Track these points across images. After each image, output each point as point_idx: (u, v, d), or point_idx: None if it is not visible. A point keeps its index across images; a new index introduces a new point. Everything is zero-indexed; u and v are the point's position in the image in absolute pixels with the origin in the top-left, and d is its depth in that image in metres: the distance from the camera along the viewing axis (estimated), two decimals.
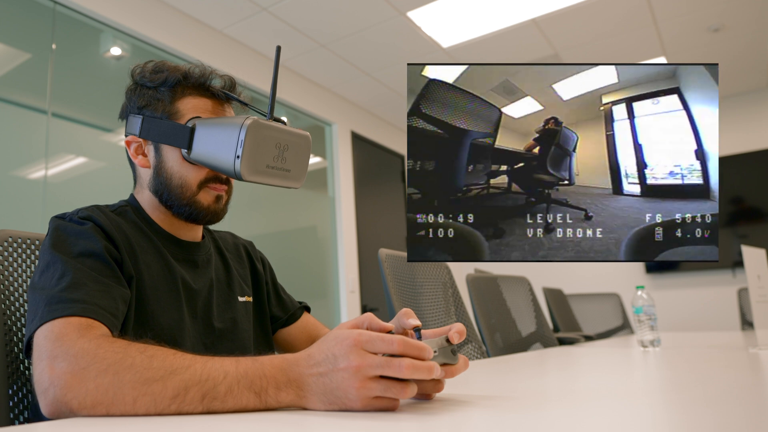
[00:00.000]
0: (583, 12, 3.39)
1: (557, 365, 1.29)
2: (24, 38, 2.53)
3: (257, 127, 0.84)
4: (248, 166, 0.84)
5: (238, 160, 0.83)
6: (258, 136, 0.84)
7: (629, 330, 3.65)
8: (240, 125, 0.84)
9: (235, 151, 0.83)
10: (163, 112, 0.92)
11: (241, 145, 0.83)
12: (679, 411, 0.60)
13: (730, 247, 4.46)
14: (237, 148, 0.83)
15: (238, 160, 0.83)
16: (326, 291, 4.09)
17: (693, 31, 3.70)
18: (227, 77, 0.97)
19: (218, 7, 3.18)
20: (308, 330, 1.12)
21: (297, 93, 4.00)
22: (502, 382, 0.92)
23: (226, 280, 1.02)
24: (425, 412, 0.59)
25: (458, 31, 3.58)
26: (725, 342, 1.78)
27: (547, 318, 2.42)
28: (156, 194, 0.94)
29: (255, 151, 0.84)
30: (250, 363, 0.62)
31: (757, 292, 1.35)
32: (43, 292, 0.74)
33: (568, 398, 0.70)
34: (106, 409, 0.61)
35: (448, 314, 1.75)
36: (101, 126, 2.82)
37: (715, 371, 0.98)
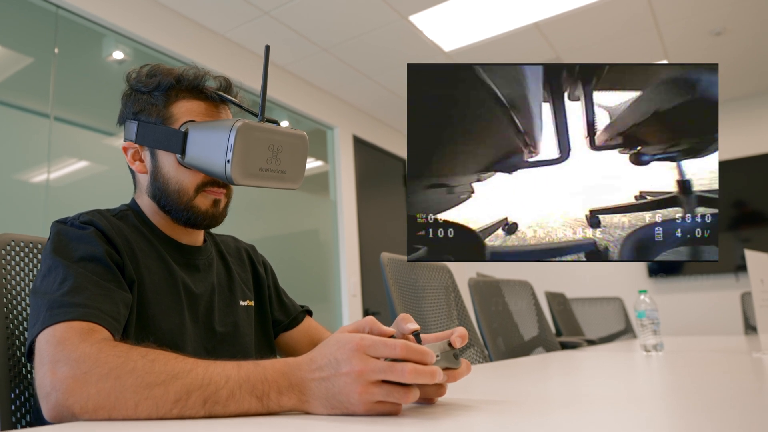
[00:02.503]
0: (584, 16, 3.39)
1: (560, 370, 1.29)
2: (27, 42, 2.54)
3: (247, 130, 0.83)
4: (240, 169, 0.83)
5: (229, 164, 0.82)
6: (249, 138, 0.83)
7: (632, 334, 3.64)
8: (229, 128, 0.82)
9: (225, 155, 0.82)
10: (158, 117, 0.91)
11: (231, 149, 0.82)
12: (682, 416, 0.60)
13: (733, 251, 4.45)
14: (227, 152, 0.82)
15: (228, 164, 0.82)
16: (328, 295, 4.09)
17: (695, 35, 3.70)
18: (222, 78, 0.96)
19: (220, 11, 3.19)
20: (310, 334, 1.12)
21: (299, 97, 4.00)
22: (505, 387, 0.91)
23: (228, 284, 1.02)
24: (427, 416, 0.59)
25: (460, 35, 3.58)
26: (728, 346, 1.77)
27: (549, 322, 2.42)
28: (154, 199, 0.94)
29: (246, 154, 0.83)
30: (252, 367, 0.62)
31: (761, 296, 1.35)
32: (44, 297, 0.74)
33: (571, 403, 0.70)
34: (108, 414, 0.61)
35: (451, 318, 1.74)
36: (103, 130, 2.83)
37: (718, 376, 0.98)
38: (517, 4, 3.24)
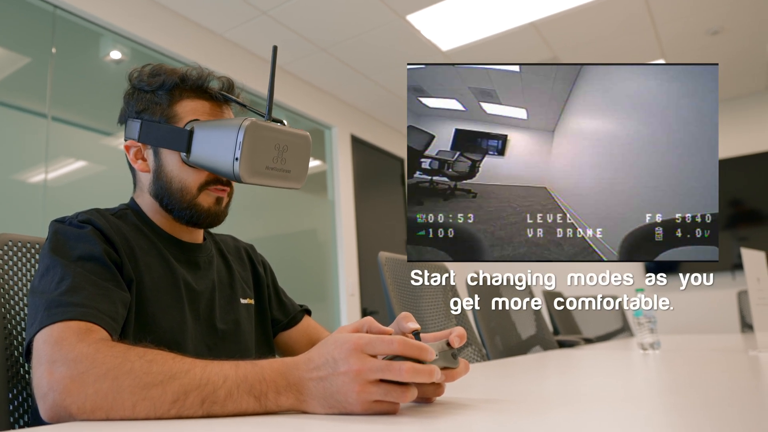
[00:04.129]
0: (581, 15, 3.40)
1: (557, 368, 1.29)
2: (24, 42, 2.54)
3: (255, 128, 0.84)
4: (247, 167, 0.83)
5: (237, 162, 0.83)
6: (256, 137, 0.84)
7: (629, 333, 3.65)
8: (238, 127, 0.83)
9: (234, 153, 0.83)
10: (162, 116, 0.92)
11: (240, 147, 0.82)
12: (679, 414, 0.60)
13: (729, 249, 4.46)
14: (235, 150, 0.83)
15: (237, 162, 0.83)
16: (326, 294, 4.09)
17: (692, 34, 3.71)
18: (225, 79, 0.97)
19: (218, 10, 3.19)
20: (309, 333, 1.12)
21: (297, 96, 4.00)
22: (503, 386, 0.92)
23: (229, 281, 1.02)
24: (426, 415, 0.59)
25: (457, 35, 3.58)
26: (725, 345, 1.77)
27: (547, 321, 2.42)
28: (156, 198, 0.94)
29: (254, 153, 0.84)
30: (250, 367, 0.62)
31: (757, 295, 1.35)
32: (42, 296, 0.74)
33: (569, 402, 0.70)
34: (106, 414, 0.61)
35: (448, 317, 1.75)
36: (101, 130, 2.82)
37: (714, 374, 0.98)
38: (515, 4, 3.24)
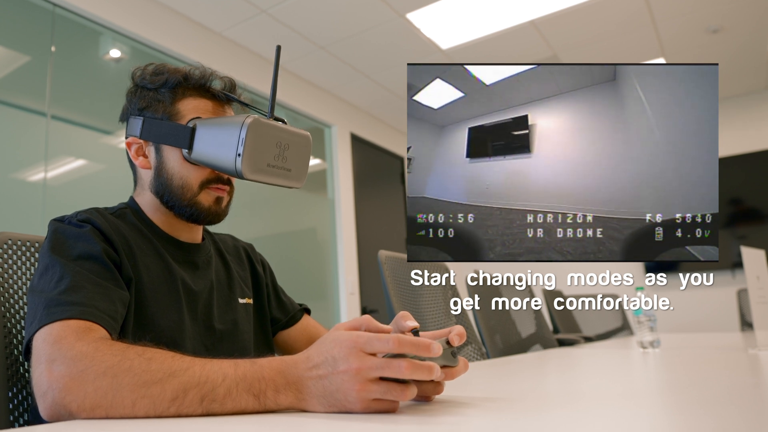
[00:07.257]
0: (581, 13, 3.39)
1: (557, 367, 1.29)
2: (23, 40, 2.53)
3: (258, 126, 0.84)
4: (249, 164, 0.84)
5: (239, 158, 0.83)
6: (259, 134, 0.85)
7: (629, 331, 3.65)
8: (241, 124, 0.84)
9: (236, 150, 0.84)
10: (164, 113, 0.92)
11: (242, 144, 0.83)
12: (679, 413, 0.60)
13: (729, 248, 4.46)
14: (238, 147, 0.83)
15: (239, 158, 0.83)
16: (326, 293, 4.09)
17: (692, 32, 3.70)
18: (227, 78, 0.97)
19: (218, 9, 3.18)
20: (308, 332, 1.12)
21: (296, 95, 4.00)
22: (502, 384, 0.92)
23: (227, 281, 1.02)
24: (425, 413, 0.59)
25: (457, 33, 3.58)
26: (725, 343, 1.78)
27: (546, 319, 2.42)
28: (157, 195, 0.94)
29: (256, 150, 0.85)
30: (249, 365, 0.62)
31: (757, 293, 1.35)
32: (41, 295, 0.74)
33: (568, 400, 0.70)
34: (105, 412, 0.61)
35: (449, 317, 1.75)
36: (101, 128, 2.82)
37: (714, 372, 0.98)
38: (515, 2, 3.24)
